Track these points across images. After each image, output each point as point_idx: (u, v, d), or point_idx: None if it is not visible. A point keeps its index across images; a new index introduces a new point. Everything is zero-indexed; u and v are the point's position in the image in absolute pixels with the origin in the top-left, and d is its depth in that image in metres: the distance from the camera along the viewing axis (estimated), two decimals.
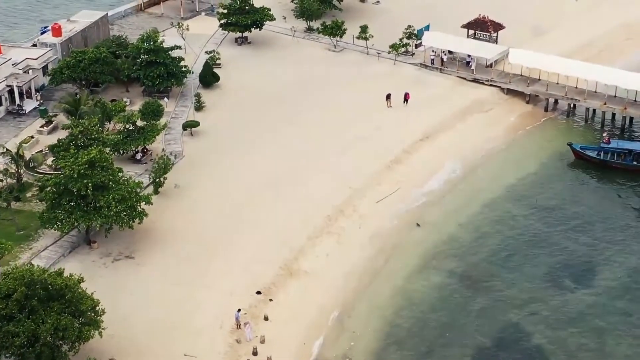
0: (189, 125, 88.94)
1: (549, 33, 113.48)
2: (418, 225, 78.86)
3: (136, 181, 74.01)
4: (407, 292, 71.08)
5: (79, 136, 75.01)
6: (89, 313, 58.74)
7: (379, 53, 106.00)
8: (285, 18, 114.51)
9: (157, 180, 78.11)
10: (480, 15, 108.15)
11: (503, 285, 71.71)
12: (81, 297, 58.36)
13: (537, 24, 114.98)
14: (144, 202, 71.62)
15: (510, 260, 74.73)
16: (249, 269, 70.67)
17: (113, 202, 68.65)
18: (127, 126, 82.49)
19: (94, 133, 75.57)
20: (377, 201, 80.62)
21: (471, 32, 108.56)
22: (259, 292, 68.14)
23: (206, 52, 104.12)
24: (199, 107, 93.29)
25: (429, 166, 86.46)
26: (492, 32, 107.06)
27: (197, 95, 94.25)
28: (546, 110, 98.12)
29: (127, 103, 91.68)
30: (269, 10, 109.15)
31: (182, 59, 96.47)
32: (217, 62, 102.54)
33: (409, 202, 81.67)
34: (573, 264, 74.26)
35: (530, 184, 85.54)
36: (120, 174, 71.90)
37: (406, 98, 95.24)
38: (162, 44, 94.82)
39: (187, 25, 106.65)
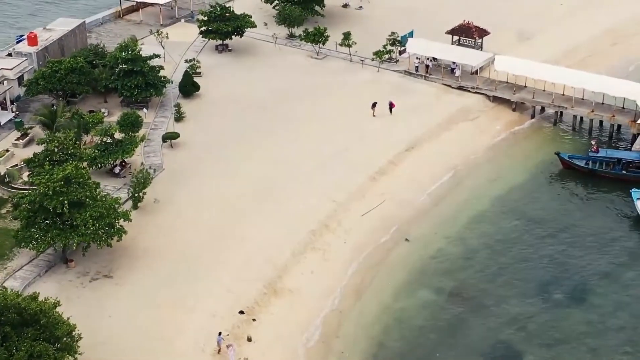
0: (169, 137, 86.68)
1: (534, 38, 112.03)
2: (407, 240, 76.91)
3: (114, 197, 71.67)
4: (396, 310, 69.04)
5: (55, 151, 72.90)
6: (65, 339, 56.42)
7: (362, 60, 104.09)
8: (266, 25, 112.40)
9: (136, 195, 75.83)
10: (464, 21, 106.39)
11: (493, 301, 69.82)
12: (57, 322, 55.99)
13: (522, 28, 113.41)
14: (122, 219, 69.40)
15: (500, 276, 72.87)
16: (231, 288, 68.54)
17: (90, 220, 66.39)
18: (105, 139, 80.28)
19: (71, 148, 73.40)
20: (362, 214, 78.64)
21: (456, 38, 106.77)
22: (241, 312, 65.99)
23: (186, 61, 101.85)
24: (178, 117, 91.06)
25: (414, 178, 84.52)
26: (477, 38, 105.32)
27: (177, 106, 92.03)
28: (533, 118, 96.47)
29: (105, 114, 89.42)
30: (250, 17, 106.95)
31: (161, 67, 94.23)
32: (198, 70, 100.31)
33: (395, 215, 79.61)
34: (564, 279, 72.43)
35: (518, 195, 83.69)
36: (97, 190, 69.69)
37: (391, 107, 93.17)
38: (140, 52, 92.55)
39: (167, 34, 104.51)
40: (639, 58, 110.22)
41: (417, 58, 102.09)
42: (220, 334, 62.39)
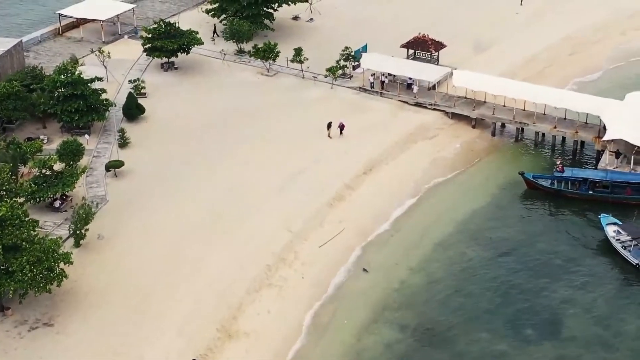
0: (113, 166, 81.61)
1: (491, 49, 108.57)
2: (365, 270, 72.94)
3: (53, 238, 66.49)
4: (358, 350, 64.75)
5: None
6: None
7: (315, 77, 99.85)
8: (214, 40, 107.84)
9: (78, 232, 70.84)
10: (420, 33, 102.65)
11: (462, 338, 65.83)
12: None
13: (479, 39, 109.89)
14: (63, 262, 64.36)
15: (466, 308, 68.90)
16: (182, 331, 64.00)
17: (27, 266, 61.30)
18: (44, 171, 75.15)
19: (6, 184, 68.24)
20: (320, 245, 74.49)
21: (411, 51, 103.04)
22: None
23: (130, 81, 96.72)
24: (123, 143, 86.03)
25: (373, 203, 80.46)
26: (433, 51, 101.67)
27: (121, 131, 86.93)
28: (493, 134, 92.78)
29: (45, 141, 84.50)
30: (197, 33, 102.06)
31: (103, 90, 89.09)
32: (142, 91, 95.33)
33: (354, 244, 75.59)
34: (535, 312, 68.58)
35: (482, 219, 79.91)
36: (35, 231, 64.67)
37: (341, 128, 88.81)
38: (81, 74, 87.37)
39: (109, 52, 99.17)
40: (598, 68, 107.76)
41: (372, 74, 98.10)
42: None
